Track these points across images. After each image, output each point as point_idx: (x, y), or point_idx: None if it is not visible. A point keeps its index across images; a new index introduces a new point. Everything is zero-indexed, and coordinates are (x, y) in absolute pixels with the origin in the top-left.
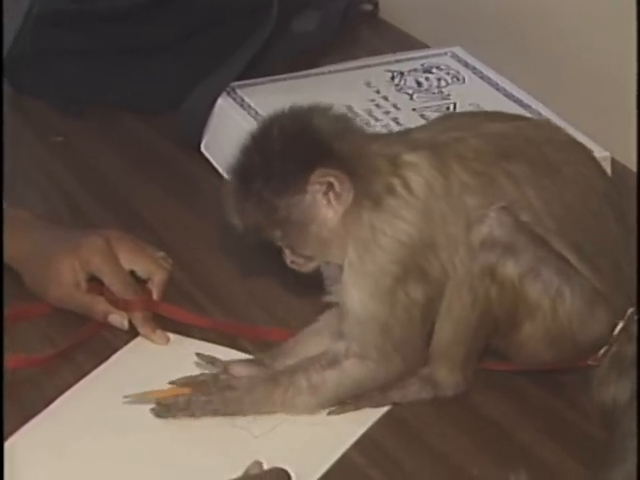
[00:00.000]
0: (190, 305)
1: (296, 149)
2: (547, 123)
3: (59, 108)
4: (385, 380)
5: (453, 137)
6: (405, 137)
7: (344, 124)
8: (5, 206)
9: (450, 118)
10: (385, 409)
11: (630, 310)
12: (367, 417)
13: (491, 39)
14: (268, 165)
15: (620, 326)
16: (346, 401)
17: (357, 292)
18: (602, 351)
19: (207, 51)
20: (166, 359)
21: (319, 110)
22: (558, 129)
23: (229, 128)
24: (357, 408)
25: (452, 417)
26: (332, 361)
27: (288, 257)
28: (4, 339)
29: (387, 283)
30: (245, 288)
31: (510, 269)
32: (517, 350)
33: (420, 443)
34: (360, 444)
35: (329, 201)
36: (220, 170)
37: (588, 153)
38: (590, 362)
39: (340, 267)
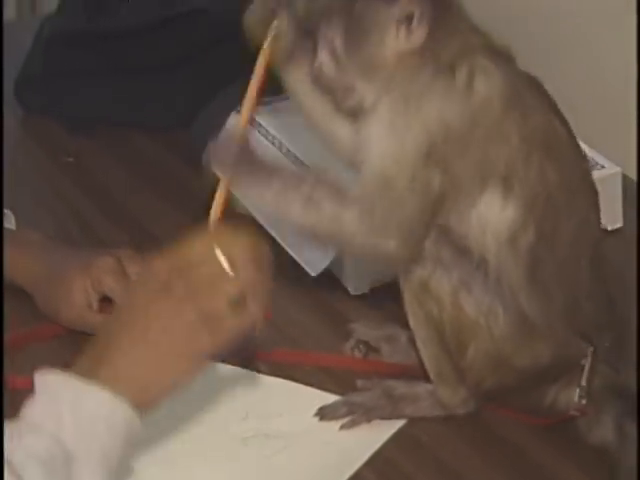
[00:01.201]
0: None
1: None
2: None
3: (69, 128)
4: (369, 251)
5: (530, 100)
6: (495, 49)
7: None
8: (16, 228)
9: (533, 82)
10: (397, 427)
11: (591, 349)
12: (379, 435)
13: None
14: None
15: (587, 367)
16: (356, 413)
17: (379, 148)
18: (577, 398)
19: (217, 69)
20: None
21: None
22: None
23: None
24: (368, 420)
25: (465, 435)
26: (339, 194)
27: (321, 58)
28: (16, 360)
29: (413, 153)
30: None
31: (444, 284)
32: (467, 373)
33: (433, 461)
34: (372, 462)
35: (398, 32)
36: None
37: (595, 189)
38: (572, 412)
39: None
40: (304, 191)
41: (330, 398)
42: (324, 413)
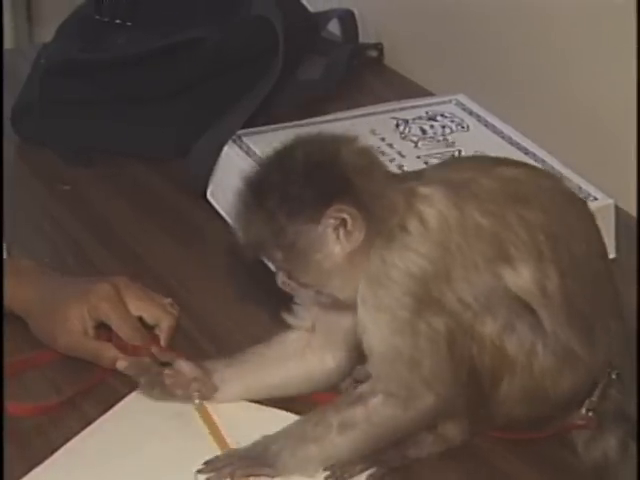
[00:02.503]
0: (196, 353)
1: (318, 178)
2: (554, 174)
3: (66, 157)
4: (417, 419)
5: (467, 177)
6: (420, 174)
7: (368, 159)
8: (7, 255)
9: (461, 160)
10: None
11: (609, 370)
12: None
13: (495, 87)
14: (287, 186)
15: (602, 383)
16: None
17: (377, 329)
18: (584, 411)
19: (214, 99)
20: (172, 408)
21: (346, 141)
22: (563, 181)
23: (235, 176)
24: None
25: (459, 466)
26: (358, 398)
27: (281, 279)
28: (12, 388)
29: (405, 316)
30: (252, 336)
31: (488, 327)
32: (497, 407)
33: None
34: None
35: (338, 236)
36: (226, 217)
37: (590, 212)
38: (579, 422)
39: (333, 298)
40: (333, 424)
41: None
42: (333, 471)
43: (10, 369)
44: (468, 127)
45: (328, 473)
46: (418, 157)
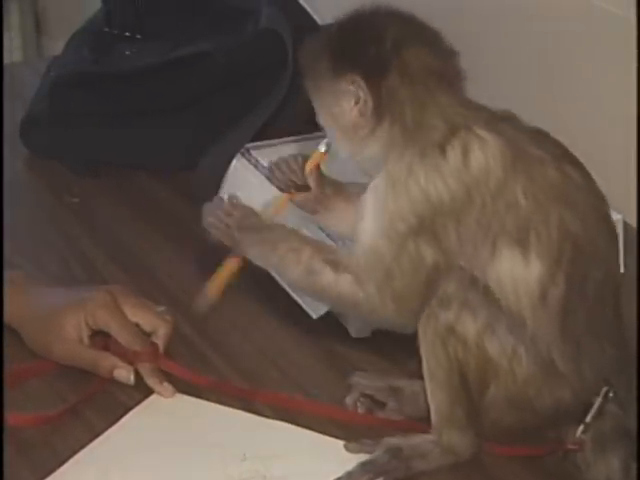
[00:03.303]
0: (200, 362)
1: (368, 50)
2: (602, 194)
3: (74, 169)
4: (366, 315)
5: (535, 154)
6: (490, 114)
7: (431, 71)
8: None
9: (541, 134)
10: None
11: (605, 389)
12: None
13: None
14: (343, 40)
15: (596, 404)
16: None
17: (371, 222)
18: (579, 434)
19: (222, 112)
20: (179, 420)
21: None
22: (607, 203)
23: (243, 189)
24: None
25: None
26: (334, 263)
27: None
28: (14, 396)
29: (401, 229)
30: (258, 347)
31: (469, 326)
32: (486, 414)
33: None
34: None
35: (357, 102)
36: None
37: (617, 238)
38: (571, 446)
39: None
40: (304, 260)
41: (329, 441)
42: None
43: (11, 378)
44: None
45: None
46: None
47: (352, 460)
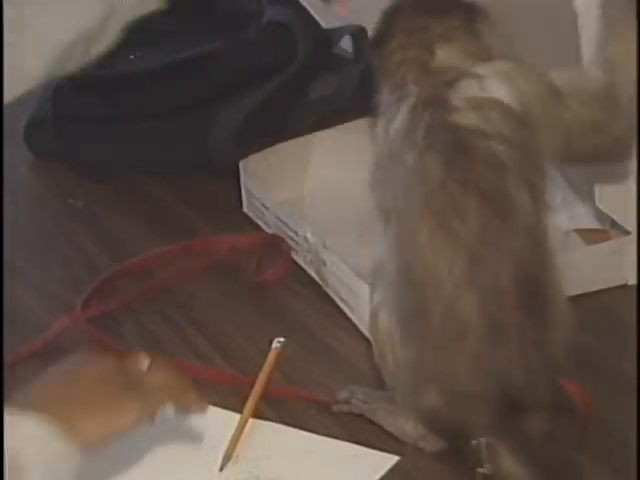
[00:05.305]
0: (199, 361)
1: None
2: None
3: (79, 173)
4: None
5: None
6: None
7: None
8: None
9: None
10: (391, 464)
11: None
12: (372, 475)
13: None
14: None
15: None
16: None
17: None
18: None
19: (227, 114)
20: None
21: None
22: None
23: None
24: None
25: (453, 468)
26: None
27: None
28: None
29: None
30: (257, 346)
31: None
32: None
33: None
34: None
35: None
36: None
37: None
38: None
39: None
40: None
41: (319, 440)
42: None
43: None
44: None
45: None
46: None
47: (346, 459)
